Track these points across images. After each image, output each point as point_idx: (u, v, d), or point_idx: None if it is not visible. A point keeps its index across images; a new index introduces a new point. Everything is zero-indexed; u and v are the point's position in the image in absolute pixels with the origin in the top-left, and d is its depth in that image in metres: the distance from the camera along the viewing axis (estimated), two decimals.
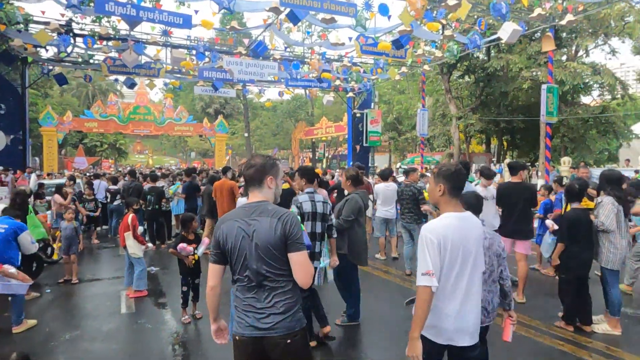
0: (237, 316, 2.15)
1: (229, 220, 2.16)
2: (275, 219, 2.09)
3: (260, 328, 2.07)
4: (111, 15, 10.29)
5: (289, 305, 2.11)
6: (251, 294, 2.11)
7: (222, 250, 2.14)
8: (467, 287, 2.28)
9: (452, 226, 2.25)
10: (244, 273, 2.11)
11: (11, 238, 4.69)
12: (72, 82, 41.92)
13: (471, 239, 2.29)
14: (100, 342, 4.40)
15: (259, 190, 2.22)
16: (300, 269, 2.08)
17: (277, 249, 2.08)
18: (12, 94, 14.75)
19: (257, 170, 2.21)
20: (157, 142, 63.38)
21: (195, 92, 18.59)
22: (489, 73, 19.40)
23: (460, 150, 22.09)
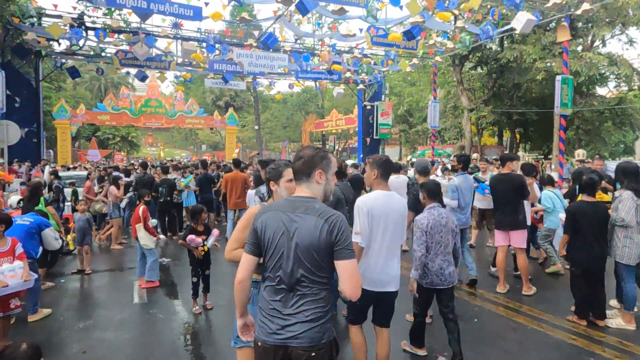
0: (260, 320, 1.98)
1: (272, 211, 1.98)
2: (322, 220, 1.87)
3: (284, 337, 1.88)
4: (122, 7, 10.33)
5: (319, 314, 1.90)
6: (279, 296, 1.92)
7: (259, 241, 1.96)
8: (388, 247, 3.09)
9: (378, 200, 3.07)
10: (276, 273, 1.92)
11: (34, 231, 4.81)
12: (85, 75, 42.35)
13: (393, 211, 3.10)
14: (113, 332, 4.47)
15: (306, 185, 2.02)
16: (349, 279, 1.87)
17: (319, 253, 1.87)
18: (26, 87, 14.93)
19: (305, 163, 2.02)
20: (168, 134, 63.90)
21: (206, 84, 18.65)
22: (502, 64, 19.07)
23: (472, 143, 21.84)
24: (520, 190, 5.39)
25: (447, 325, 3.70)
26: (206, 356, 3.95)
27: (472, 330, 4.46)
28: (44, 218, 5.08)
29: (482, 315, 4.88)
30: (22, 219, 4.82)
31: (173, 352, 4.03)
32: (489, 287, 5.77)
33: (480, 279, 6.16)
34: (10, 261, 3.95)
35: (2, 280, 3.80)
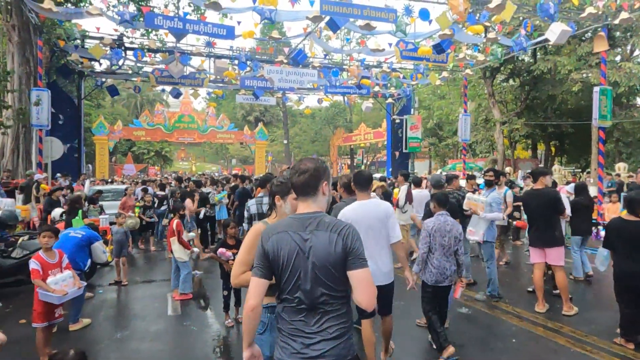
0: (281, 340, 1.92)
1: (282, 232, 1.89)
2: (335, 234, 1.83)
3: (309, 356, 1.83)
4: (160, 28, 10.82)
5: (342, 330, 1.87)
6: (300, 316, 1.87)
7: (270, 263, 1.88)
8: (376, 249, 3.52)
9: (356, 209, 3.56)
10: (295, 294, 1.86)
11: (85, 244, 5.08)
12: (122, 93, 44.20)
13: (372, 217, 3.54)
14: (149, 343, 4.57)
15: (313, 200, 1.94)
16: (364, 288, 1.83)
17: (337, 268, 1.84)
18: (70, 105, 15.73)
19: (312, 176, 1.93)
20: (199, 149, 65.46)
21: (237, 100, 19.12)
22: (535, 76, 18.66)
23: (504, 156, 21.34)
24: (554, 206, 5.23)
25: (440, 315, 4.25)
26: None
27: (509, 350, 4.31)
28: (95, 232, 5.31)
29: (520, 335, 4.70)
30: (75, 231, 5.08)
31: None
32: (527, 306, 5.56)
33: (517, 298, 5.97)
34: (60, 272, 4.14)
35: (60, 289, 3.98)
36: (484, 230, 5.80)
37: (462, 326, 4.99)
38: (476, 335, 4.73)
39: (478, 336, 4.70)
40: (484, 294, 5.90)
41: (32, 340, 4.42)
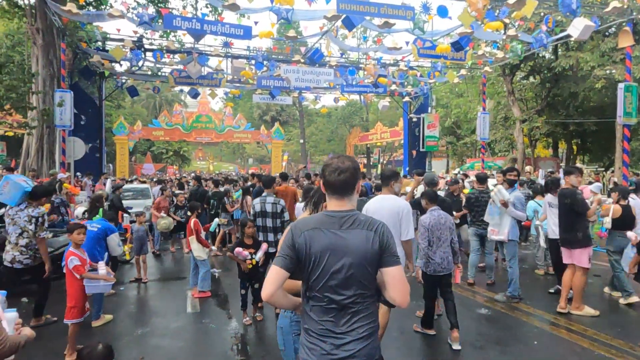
0: (308, 342, 1.87)
1: (315, 229, 1.85)
2: (372, 232, 1.83)
3: (339, 357, 1.80)
4: (178, 29, 10.97)
5: (372, 330, 1.86)
6: (329, 316, 1.83)
7: (298, 258, 1.84)
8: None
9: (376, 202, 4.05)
10: (325, 292, 1.82)
11: (102, 237, 5.15)
12: (142, 94, 44.96)
13: (388, 211, 3.89)
14: (169, 339, 4.64)
15: (348, 198, 1.92)
16: (398, 285, 1.83)
17: (372, 266, 1.84)
18: (91, 106, 16.08)
19: (352, 175, 1.90)
20: (217, 149, 66.19)
21: (254, 100, 19.26)
22: (556, 73, 18.22)
23: (524, 155, 20.93)
24: (571, 206, 5.13)
25: (446, 304, 4.49)
26: None
27: (531, 352, 4.23)
28: (110, 224, 5.40)
29: (542, 337, 4.60)
30: (91, 225, 5.14)
31: None
32: (549, 308, 5.45)
33: (539, 298, 5.86)
34: (88, 266, 4.27)
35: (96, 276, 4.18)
36: (508, 229, 5.71)
37: (482, 327, 4.92)
38: (496, 336, 4.66)
39: (498, 338, 4.62)
40: (504, 294, 5.81)
41: (58, 335, 4.56)
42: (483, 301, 5.81)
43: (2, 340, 1.75)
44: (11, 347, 1.79)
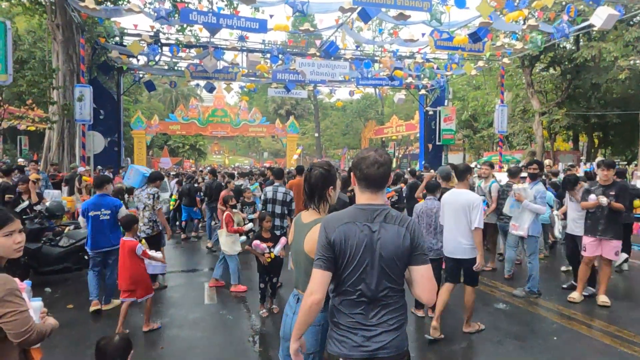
0: (338, 334, 1.90)
1: (349, 223, 1.87)
2: (404, 228, 1.85)
3: (371, 349, 1.84)
4: (194, 24, 11.01)
5: (401, 322, 1.90)
6: (359, 309, 1.87)
7: (336, 255, 1.85)
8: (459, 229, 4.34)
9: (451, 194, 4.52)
10: (357, 286, 1.85)
11: (114, 220, 5.20)
12: (159, 89, 45.43)
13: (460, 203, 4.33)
14: (187, 330, 4.72)
15: (382, 192, 1.94)
16: (426, 284, 1.87)
17: (402, 262, 1.86)
18: (110, 100, 16.31)
19: (389, 168, 1.92)
20: (232, 143, 66.62)
21: (269, 94, 19.27)
22: (577, 64, 17.78)
23: (543, 148, 20.53)
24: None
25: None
26: (273, 357, 4.03)
27: (550, 349, 4.16)
28: (114, 198, 5.52)
29: (561, 333, 4.53)
30: (102, 213, 5.17)
31: (243, 352, 4.17)
32: (568, 304, 5.35)
33: (558, 295, 5.76)
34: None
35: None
36: (529, 224, 5.62)
37: (500, 323, 4.86)
38: (515, 332, 4.60)
39: (517, 333, 4.57)
40: (523, 289, 5.73)
41: (80, 324, 4.68)
42: (501, 296, 5.75)
43: (30, 329, 1.80)
44: (39, 334, 1.84)
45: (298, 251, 2.31)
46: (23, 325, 1.79)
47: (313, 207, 2.34)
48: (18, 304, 1.80)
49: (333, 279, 1.90)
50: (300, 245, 2.27)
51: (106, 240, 5.17)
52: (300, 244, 2.28)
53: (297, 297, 2.32)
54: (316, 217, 2.32)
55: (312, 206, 2.35)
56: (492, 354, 4.10)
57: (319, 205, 2.34)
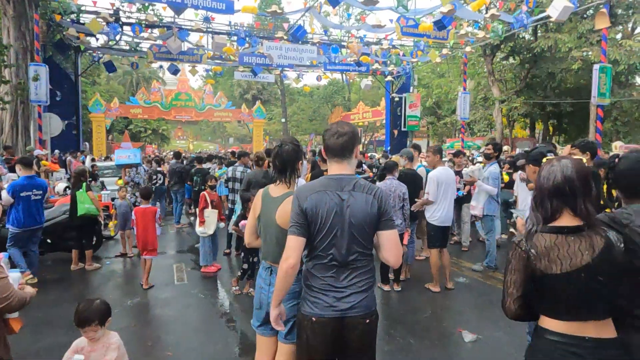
0: (311, 296, 2.01)
1: (320, 192, 1.97)
2: (371, 196, 1.96)
3: (341, 308, 1.95)
4: (159, 2, 10.67)
5: (369, 284, 2.02)
6: (330, 272, 1.97)
7: (308, 222, 1.95)
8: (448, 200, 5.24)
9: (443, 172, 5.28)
10: (328, 251, 1.95)
11: (43, 199, 5.64)
12: (118, 70, 43.54)
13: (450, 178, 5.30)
14: (159, 309, 4.74)
15: (347, 162, 2.04)
16: (393, 248, 1.99)
17: (370, 227, 1.97)
18: (67, 81, 15.57)
19: (351, 139, 2.02)
20: (196, 128, 65.06)
21: (236, 77, 18.96)
22: (535, 54, 18.57)
23: (502, 135, 21.40)
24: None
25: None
26: (245, 331, 4.13)
27: (505, 317, 4.48)
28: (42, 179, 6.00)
29: None
30: (34, 194, 5.44)
31: (216, 327, 4.26)
32: None
33: None
34: None
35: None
36: (483, 204, 5.95)
37: (461, 294, 5.18)
38: (475, 302, 4.92)
39: (476, 304, 4.89)
40: (481, 264, 6.09)
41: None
42: (461, 270, 6.09)
43: (11, 294, 1.82)
44: (19, 301, 1.86)
45: (268, 224, 2.40)
46: (4, 291, 1.84)
47: (283, 181, 2.44)
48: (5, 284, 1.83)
49: (306, 245, 1.99)
50: (272, 218, 2.36)
51: (35, 219, 5.43)
52: (271, 217, 2.37)
53: (270, 269, 2.40)
54: (286, 190, 2.42)
55: (282, 180, 2.44)
56: (455, 322, 4.38)
57: (291, 178, 2.44)
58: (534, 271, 1.60)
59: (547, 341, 1.60)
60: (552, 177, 1.64)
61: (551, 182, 1.63)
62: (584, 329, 1.55)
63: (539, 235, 1.62)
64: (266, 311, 2.39)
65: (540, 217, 1.65)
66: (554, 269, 1.56)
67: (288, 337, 2.29)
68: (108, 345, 2.35)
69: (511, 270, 1.68)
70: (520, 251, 1.64)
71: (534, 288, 1.64)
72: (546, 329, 1.62)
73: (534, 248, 1.60)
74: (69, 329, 4.05)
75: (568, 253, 1.55)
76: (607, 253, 1.54)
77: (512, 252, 1.68)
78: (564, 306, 1.58)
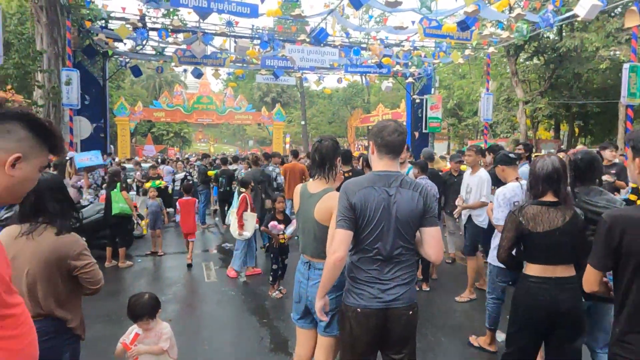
0: (355, 288, 2.07)
1: (368, 187, 2.04)
2: (417, 193, 2.04)
3: (385, 300, 2.02)
4: (185, 7, 10.90)
5: (412, 277, 2.09)
6: (375, 265, 2.04)
7: (356, 217, 2.02)
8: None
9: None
10: (374, 245, 2.02)
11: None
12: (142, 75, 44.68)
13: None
14: (190, 306, 4.86)
15: (397, 160, 2.13)
16: (435, 244, 2.05)
17: (415, 223, 2.04)
18: (95, 86, 16.01)
19: (403, 139, 2.11)
20: (217, 130, 65.96)
21: (257, 80, 19.22)
22: (560, 54, 18.21)
23: (526, 137, 21.03)
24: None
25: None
26: (278, 327, 4.20)
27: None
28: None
29: None
30: None
31: (248, 322, 4.35)
32: None
33: None
34: None
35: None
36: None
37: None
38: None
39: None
40: None
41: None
42: None
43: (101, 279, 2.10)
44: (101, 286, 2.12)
45: (306, 219, 2.46)
46: (98, 275, 2.06)
47: (322, 176, 2.50)
48: (91, 258, 2.04)
49: (352, 238, 2.05)
50: (310, 213, 2.42)
51: None
52: (309, 213, 2.43)
53: (308, 264, 2.46)
54: (325, 186, 2.48)
55: (321, 175, 2.50)
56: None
57: (329, 174, 2.50)
58: (523, 230, 2.32)
59: (527, 282, 2.35)
60: (545, 168, 2.33)
61: (544, 171, 2.33)
62: (553, 271, 2.29)
63: (529, 206, 2.35)
64: (305, 304, 2.46)
65: (532, 195, 2.39)
66: (538, 228, 2.29)
67: (328, 330, 2.35)
68: (160, 335, 2.48)
69: (507, 230, 2.41)
70: (514, 217, 2.37)
71: (523, 243, 2.38)
72: (527, 274, 2.36)
73: (523, 216, 2.33)
74: (106, 323, 4.22)
75: (548, 219, 2.29)
76: (573, 220, 2.28)
77: (509, 218, 2.42)
78: (543, 254, 2.31)
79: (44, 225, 1.97)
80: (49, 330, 1.92)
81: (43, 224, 1.97)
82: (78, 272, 1.99)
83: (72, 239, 2.01)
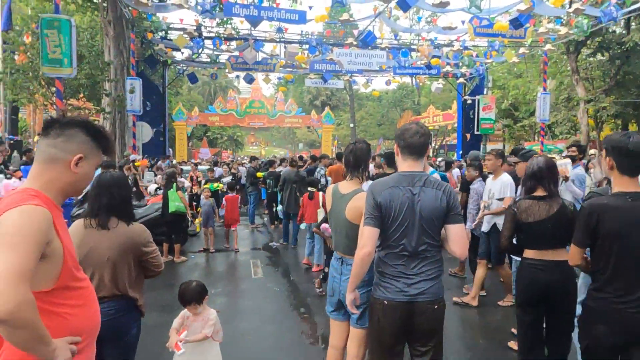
0: (382, 282, 2.18)
1: (394, 187, 2.14)
2: (440, 192, 2.12)
3: (410, 294, 2.10)
4: (237, 17, 11.46)
5: (438, 273, 2.16)
6: (401, 261, 2.13)
7: (382, 214, 2.12)
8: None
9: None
10: (400, 241, 2.11)
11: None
12: (198, 81, 46.86)
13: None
14: (237, 299, 5.15)
15: (420, 161, 2.21)
16: (459, 241, 2.13)
17: (439, 221, 2.12)
18: (155, 93, 17.14)
19: (428, 139, 2.21)
20: (268, 134, 67.69)
21: (307, 84, 19.62)
22: (627, 49, 16.97)
23: (588, 138, 19.79)
24: None
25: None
26: (317, 322, 4.36)
27: None
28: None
29: None
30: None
31: (290, 316, 4.56)
32: None
33: None
34: None
35: None
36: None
37: None
38: None
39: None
40: None
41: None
42: None
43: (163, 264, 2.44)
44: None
45: (338, 218, 2.64)
46: (161, 260, 2.41)
47: (356, 176, 2.66)
48: (155, 245, 2.39)
49: (379, 235, 2.17)
50: (341, 213, 2.59)
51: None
52: (341, 212, 2.60)
53: (341, 260, 2.63)
54: (356, 187, 2.64)
55: (355, 175, 2.66)
56: None
57: (362, 174, 2.66)
58: (519, 221, 2.72)
59: (526, 264, 2.74)
60: (531, 167, 2.78)
61: (531, 170, 2.77)
62: (546, 254, 2.66)
63: (523, 200, 2.78)
64: (338, 298, 2.60)
65: (525, 190, 2.80)
66: (529, 219, 2.68)
67: (359, 322, 2.49)
68: (207, 320, 2.74)
69: (506, 221, 2.83)
70: (511, 210, 2.80)
71: (520, 232, 2.77)
72: (526, 257, 2.75)
73: (517, 208, 2.75)
74: (162, 312, 4.59)
75: (538, 210, 2.68)
76: (560, 211, 2.64)
77: (507, 211, 2.94)
78: (535, 241, 2.70)
79: (114, 218, 2.27)
80: (124, 308, 2.27)
81: (114, 218, 2.27)
82: (146, 258, 2.34)
83: (141, 228, 2.37)
